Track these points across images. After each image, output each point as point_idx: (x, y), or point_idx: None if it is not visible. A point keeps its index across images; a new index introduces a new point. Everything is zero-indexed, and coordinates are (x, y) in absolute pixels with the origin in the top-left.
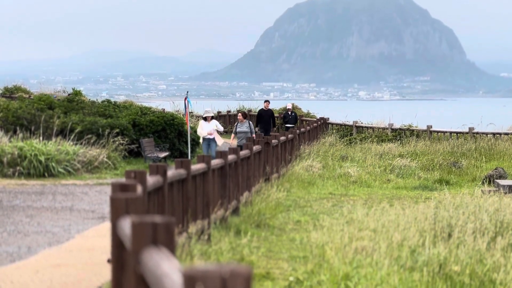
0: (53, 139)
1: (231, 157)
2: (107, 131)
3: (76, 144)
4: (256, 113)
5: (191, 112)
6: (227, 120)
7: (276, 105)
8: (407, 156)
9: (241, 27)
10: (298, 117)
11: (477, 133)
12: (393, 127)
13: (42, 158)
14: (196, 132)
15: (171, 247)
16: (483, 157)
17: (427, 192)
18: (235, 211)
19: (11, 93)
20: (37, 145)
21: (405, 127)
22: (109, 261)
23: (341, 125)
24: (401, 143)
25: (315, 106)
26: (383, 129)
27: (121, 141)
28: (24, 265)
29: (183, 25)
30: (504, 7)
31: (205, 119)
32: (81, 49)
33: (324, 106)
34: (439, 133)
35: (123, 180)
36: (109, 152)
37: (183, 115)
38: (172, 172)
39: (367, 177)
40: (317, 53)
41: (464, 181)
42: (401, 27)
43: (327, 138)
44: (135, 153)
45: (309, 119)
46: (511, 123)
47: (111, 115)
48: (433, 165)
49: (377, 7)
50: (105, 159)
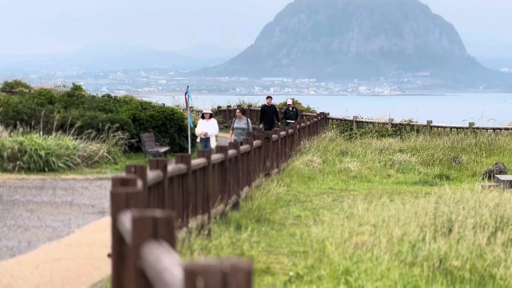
0: (53, 134)
1: (231, 152)
2: (107, 126)
3: (76, 138)
4: (256, 108)
5: (191, 107)
6: (227, 115)
7: (276, 100)
8: (407, 151)
9: (241, 22)
10: (299, 113)
11: (477, 128)
12: (393, 122)
13: (42, 152)
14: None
15: (172, 242)
16: (483, 152)
17: (427, 187)
18: (235, 206)
19: (11, 87)
20: (37, 140)
21: (405, 122)
22: (109, 255)
23: (341, 120)
24: (401, 138)
25: (315, 101)
26: (383, 124)
27: (121, 136)
28: (24, 260)
29: (183, 20)
30: (504, 2)
31: (203, 117)
32: (81, 44)
33: (324, 101)
34: (439, 128)
35: (123, 174)
36: (109, 147)
37: (183, 110)
38: (172, 166)
39: (367, 172)
40: (318, 48)
41: (464, 176)
42: (401, 22)
43: (327, 133)
44: (135, 148)
45: (309, 114)
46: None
47: (111, 110)
48: (433, 160)
49: (378, 2)
50: (105, 154)
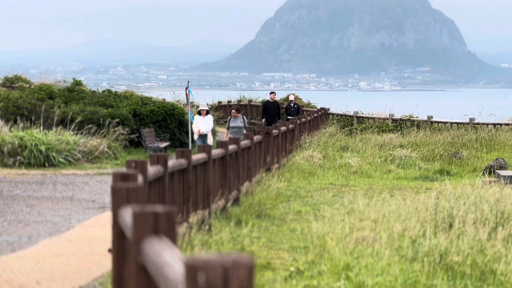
0: (54, 129)
1: (231, 147)
2: (108, 121)
3: (76, 134)
4: (257, 103)
5: (192, 102)
6: (227, 110)
7: (277, 96)
8: (408, 146)
9: (241, 18)
10: (300, 109)
11: (478, 124)
12: (393, 118)
13: (42, 148)
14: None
15: (173, 237)
16: (484, 147)
17: (428, 182)
18: (236, 201)
19: (11, 83)
20: (38, 135)
21: (405, 118)
22: (109, 250)
23: (341, 115)
24: (401, 134)
25: (315, 96)
26: (384, 119)
27: (122, 131)
28: (24, 255)
29: (183, 15)
30: None
31: (199, 113)
32: (81, 39)
33: (324, 96)
34: (440, 124)
35: (124, 170)
36: (110, 142)
37: (184, 105)
38: (172, 162)
39: (368, 168)
40: (318, 43)
41: (464, 171)
42: (401, 17)
43: (327, 128)
44: (135, 143)
45: (309, 109)
46: None
47: (112, 105)
48: (434, 156)
49: None
50: (106, 149)
